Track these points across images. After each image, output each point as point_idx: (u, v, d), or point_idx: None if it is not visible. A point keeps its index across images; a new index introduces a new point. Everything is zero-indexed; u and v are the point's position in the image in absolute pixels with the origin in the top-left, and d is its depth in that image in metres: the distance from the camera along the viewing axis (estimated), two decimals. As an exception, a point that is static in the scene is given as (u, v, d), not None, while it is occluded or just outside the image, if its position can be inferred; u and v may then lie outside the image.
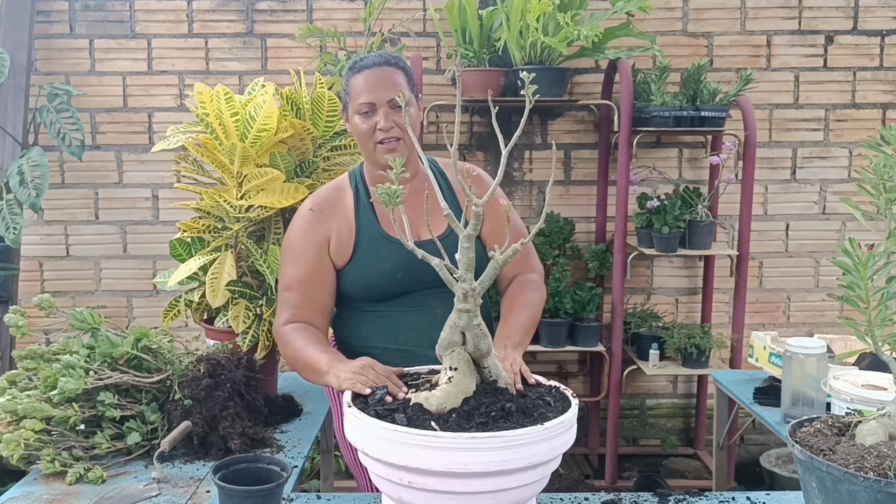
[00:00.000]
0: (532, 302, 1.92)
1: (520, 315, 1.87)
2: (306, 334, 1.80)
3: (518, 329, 1.82)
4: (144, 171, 3.60)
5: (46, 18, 3.54)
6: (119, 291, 3.66)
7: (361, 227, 1.88)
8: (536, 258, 2.05)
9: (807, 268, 3.70)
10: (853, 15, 3.58)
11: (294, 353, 1.78)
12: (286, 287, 1.86)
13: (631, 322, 3.48)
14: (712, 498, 1.56)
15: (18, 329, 1.86)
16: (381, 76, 1.82)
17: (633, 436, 3.80)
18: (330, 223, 1.86)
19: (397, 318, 1.89)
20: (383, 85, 1.81)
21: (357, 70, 1.85)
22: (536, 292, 1.96)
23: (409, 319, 1.89)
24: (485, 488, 1.22)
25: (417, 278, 1.84)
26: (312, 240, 1.85)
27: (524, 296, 1.93)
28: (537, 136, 3.62)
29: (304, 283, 1.84)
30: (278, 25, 3.55)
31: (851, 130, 3.64)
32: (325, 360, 1.69)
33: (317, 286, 1.86)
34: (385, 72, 1.83)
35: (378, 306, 1.90)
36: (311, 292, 1.85)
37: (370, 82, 1.81)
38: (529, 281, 1.97)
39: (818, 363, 1.99)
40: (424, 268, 1.41)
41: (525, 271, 1.99)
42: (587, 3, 3.23)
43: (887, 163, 1.20)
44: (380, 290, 1.88)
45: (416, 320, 1.88)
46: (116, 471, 1.67)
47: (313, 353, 1.73)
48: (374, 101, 1.80)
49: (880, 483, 1.09)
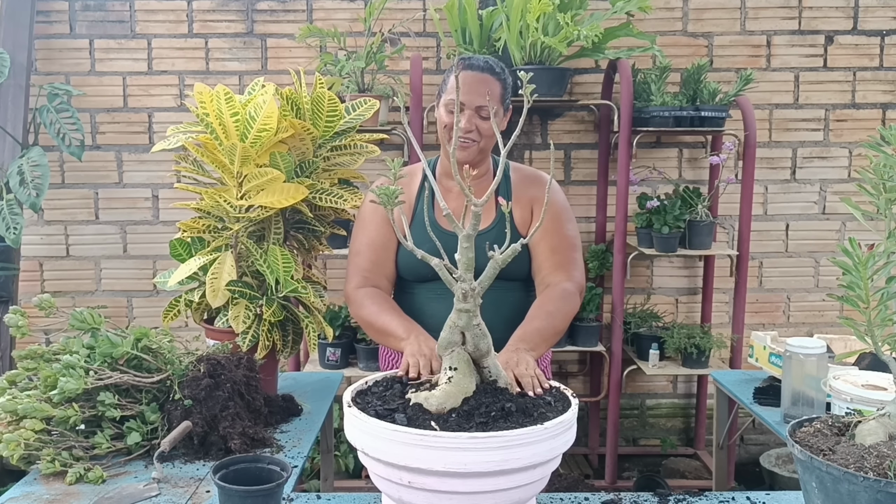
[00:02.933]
0: (559, 311, 1.93)
1: (542, 321, 1.88)
2: (380, 300, 1.98)
3: (535, 335, 1.83)
4: (144, 171, 3.61)
5: (46, 18, 3.54)
6: (119, 291, 3.67)
7: (418, 211, 2.05)
8: (579, 270, 2.05)
9: (807, 268, 3.71)
10: (853, 15, 3.58)
11: (369, 318, 1.96)
12: (357, 252, 2.05)
13: (631, 322, 3.48)
14: (712, 498, 1.56)
15: (18, 329, 1.86)
16: (479, 81, 1.94)
17: (633, 436, 3.80)
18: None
19: (425, 302, 2.05)
20: (477, 90, 1.93)
21: (462, 67, 1.96)
22: (566, 303, 1.96)
23: (433, 305, 2.03)
24: (485, 488, 1.22)
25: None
26: (380, 211, 2.00)
27: (552, 303, 1.94)
28: (537, 136, 3.62)
29: (373, 248, 2.02)
30: (278, 25, 3.55)
31: (851, 130, 3.64)
32: (403, 328, 1.86)
33: (384, 252, 2.04)
34: (484, 79, 1.95)
35: (415, 287, 2.08)
36: (379, 257, 2.02)
37: (466, 84, 1.93)
38: (563, 290, 1.98)
39: (818, 363, 1.99)
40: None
41: (563, 280, 1.99)
42: (587, 3, 3.23)
43: (887, 163, 1.20)
44: (416, 271, 2.03)
45: (439, 308, 1.94)
46: (116, 471, 1.67)
47: (389, 320, 1.91)
48: (464, 102, 1.92)
49: (880, 483, 1.09)
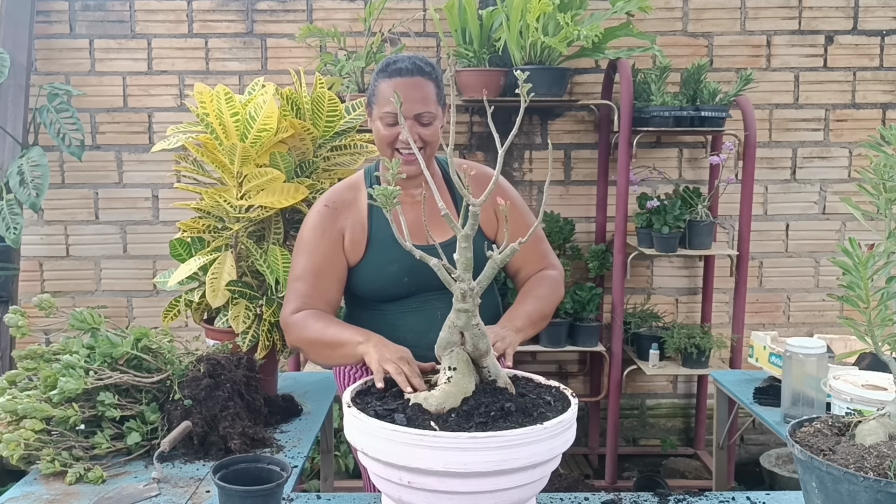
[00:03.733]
0: (545, 296, 1.93)
1: (531, 305, 1.88)
2: (324, 318, 1.82)
3: (523, 316, 1.83)
4: (144, 171, 3.60)
5: (46, 18, 3.54)
6: (119, 291, 3.67)
7: (374, 228, 1.89)
8: (554, 256, 2.06)
9: (807, 268, 3.70)
10: (853, 15, 3.58)
11: (314, 335, 1.79)
12: (297, 278, 1.87)
13: (631, 322, 3.48)
14: (712, 498, 1.56)
15: (18, 329, 1.86)
16: (413, 87, 1.79)
17: (633, 436, 3.80)
18: (345, 221, 1.88)
19: (397, 317, 1.90)
20: (412, 97, 1.77)
21: (389, 74, 1.81)
22: (552, 288, 1.97)
23: (409, 320, 1.90)
24: (484, 488, 1.22)
25: (423, 283, 1.85)
26: (327, 234, 1.87)
27: (539, 289, 1.94)
28: (537, 136, 3.62)
29: (316, 273, 1.86)
30: (278, 25, 3.55)
31: (851, 130, 3.64)
32: (360, 333, 1.72)
33: (328, 278, 1.87)
34: (417, 83, 1.80)
35: (382, 306, 1.92)
36: (321, 283, 1.87)
37: (407, 93, 1.75)
38: (547, 276, 1.98)
39: (818, 363, 1.99)
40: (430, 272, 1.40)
41: (545, 268, 2.00)
42: (587, 3, 3.23)
43: (887, 163, 1.20)
44: (385, 291, 1.90)
45: (416, 321, 1.89)
46: (116, 471, 1.67)
47: (339, 331, 1.77)
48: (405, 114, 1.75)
49: (880, 483, 1.09)
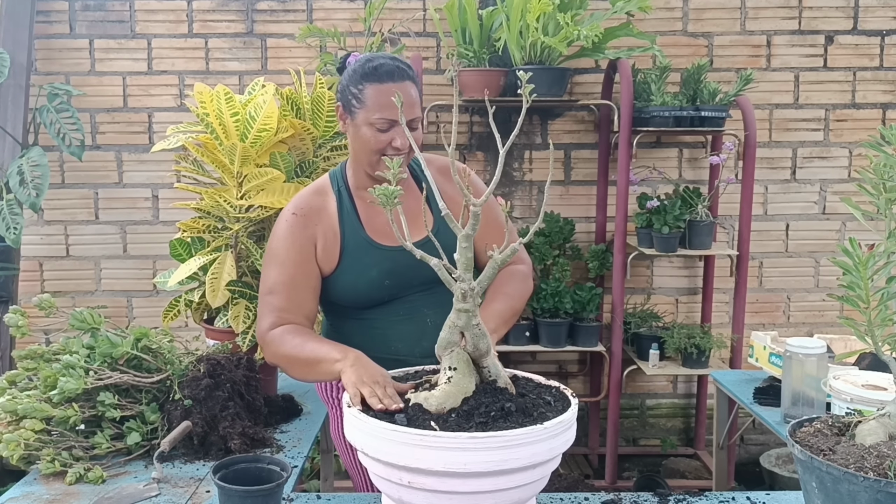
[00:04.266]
0: (516, 292, 1.90)
1: (501, 304, 1.84)
2: (303, 332, 1.74)
3: (495, 317, 1.79)
4: (144, 171, 3.60)
5: (46, 18, 3.54)
6: (119, 291, 3.67)
7: (346, 233, 1.83)
8: (524, 251, 1.99)
9: (807, 268, 3.70)
10: (853, 15, 3.58)
11: (291, 352, 1.72)
12: (269, 291, 1.79)
13: (631, 322, 3.48)
14: (712, 498, 1.56)
15: (18, 329, 1.86)
16: (408, 93, 1.74)
17: (633, 436, 3.80)
18: (315, 228, 1.81)
19: (387, 327, 1.86)
20: (409, 103, 1.73)
21: (375, 79, 1.75)
22: (522, 284, 1.93)
23: (399, 329, 1.86)
24: (484, 488, 1.22)
25: (404, 284, 1.82)
26: (298, 243, 1.79)
27: (508, 285, 1.89)
28: (537, 136, 3.62)
29: (290, 285, 1.79)
30: (278, 25, 3.55)
31: (851, 130, 3.64)
32: (338, 350, 1.64)
33: (302, 289, 1.79)
34: (405, 88, 1.75)
35: (367, 314, 1.87)
36: (296, 295, 1.79)
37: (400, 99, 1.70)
38: (516, 271, 1.94)
39: (818, 363, 1.99)
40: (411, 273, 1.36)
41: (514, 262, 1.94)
42: (587, 3, 3.23)
43: (887, 163, 1.20)
44: (367, 297, 1.84)
45: (407, 330, 1.85)
46: (116, 471, 1.67)
47: (316, 347, 1.68)
48: (396, 119, 1.71)
49: (880, 483, 1.09)
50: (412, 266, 1.55)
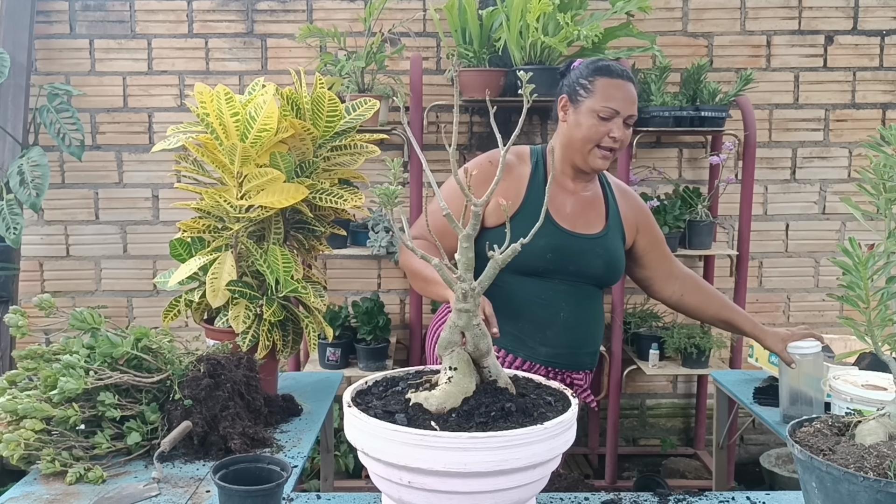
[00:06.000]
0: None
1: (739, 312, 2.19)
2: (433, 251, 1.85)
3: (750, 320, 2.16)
4: (144, 171, 3.61)
5: (46, 18, 3.54)
6: (119, 291, 3.67)
7: (529, 199, 1.95)
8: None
9: (807, 268, 3.71)
10: (853, 15, 3.58)
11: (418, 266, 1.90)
12: (432, 212, 1.93)
13: (631, 322, 3.48)
14: (712, 498, 1.56)
15: (18, 329, 1.86)
16: (631, 91, 1.94)
17: (633, 436, 3.80)
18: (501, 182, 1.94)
19: (524, 303, 1.96)
20: (629, 98, 1.93)
21: (609, 74, 1.93)
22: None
23: (533, 310, 1.96)
24: (484, 488, 1.22)
25: (561, 267, 1.93)
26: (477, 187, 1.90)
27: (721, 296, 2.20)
28: (537, 136, 3.62)
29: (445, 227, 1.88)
30: (278, 25, 3.55)
31: (851, 130, 3.64)
32: None
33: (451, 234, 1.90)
34: (631, 88, 1.95)
35: (512, 282, 1.95)
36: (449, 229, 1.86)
37: (625, 94, 1.92)
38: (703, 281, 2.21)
39: (814, 362, 1.99)
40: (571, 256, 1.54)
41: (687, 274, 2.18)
42: (587, 3, 3.24)
43: (887, 163, 1.20)
44: (526, 263, 1.88)
45: (540, 314, 1.95)
46: (116, 471, 1.67)
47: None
48: (618, 110, 1.90)
49: (880, 483, 1.09)
50: (578, 252, 1.90)
